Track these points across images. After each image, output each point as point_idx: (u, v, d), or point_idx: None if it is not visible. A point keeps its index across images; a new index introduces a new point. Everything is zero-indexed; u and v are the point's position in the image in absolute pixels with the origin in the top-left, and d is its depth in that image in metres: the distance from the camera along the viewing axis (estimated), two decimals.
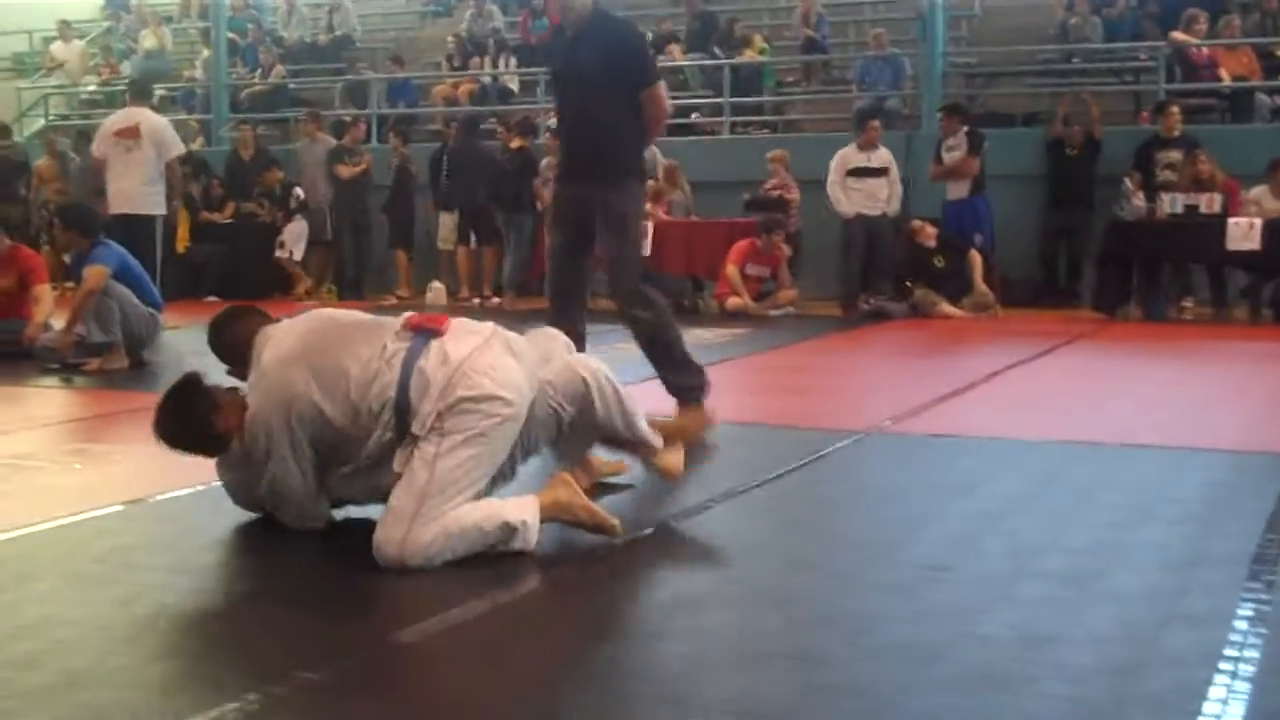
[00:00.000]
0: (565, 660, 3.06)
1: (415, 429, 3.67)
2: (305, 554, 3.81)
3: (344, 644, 3.03)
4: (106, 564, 3.77)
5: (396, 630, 3.13)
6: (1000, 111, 14.17)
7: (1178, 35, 13.14)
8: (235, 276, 14.17)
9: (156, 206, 10.25)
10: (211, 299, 13.91)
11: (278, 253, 14.39)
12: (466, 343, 3.80)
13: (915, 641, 3.03)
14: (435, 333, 3.82)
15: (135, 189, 10.11)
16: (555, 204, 5.98)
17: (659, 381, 5.65)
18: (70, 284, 14.85)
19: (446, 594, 3.42)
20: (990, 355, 8.60)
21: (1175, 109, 12.02)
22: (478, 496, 3.71)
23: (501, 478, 3.92)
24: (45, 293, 8.72)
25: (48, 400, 7.25)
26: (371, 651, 2.98)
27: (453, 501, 3.61)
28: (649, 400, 4.89)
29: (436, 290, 13.45)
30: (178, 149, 10.53)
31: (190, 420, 3.96)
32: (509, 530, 3.66)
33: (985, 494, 4.57)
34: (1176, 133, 11.88)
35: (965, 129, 12.20)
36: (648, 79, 5.78)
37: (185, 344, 8.93)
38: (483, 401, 3.68)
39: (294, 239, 14.42)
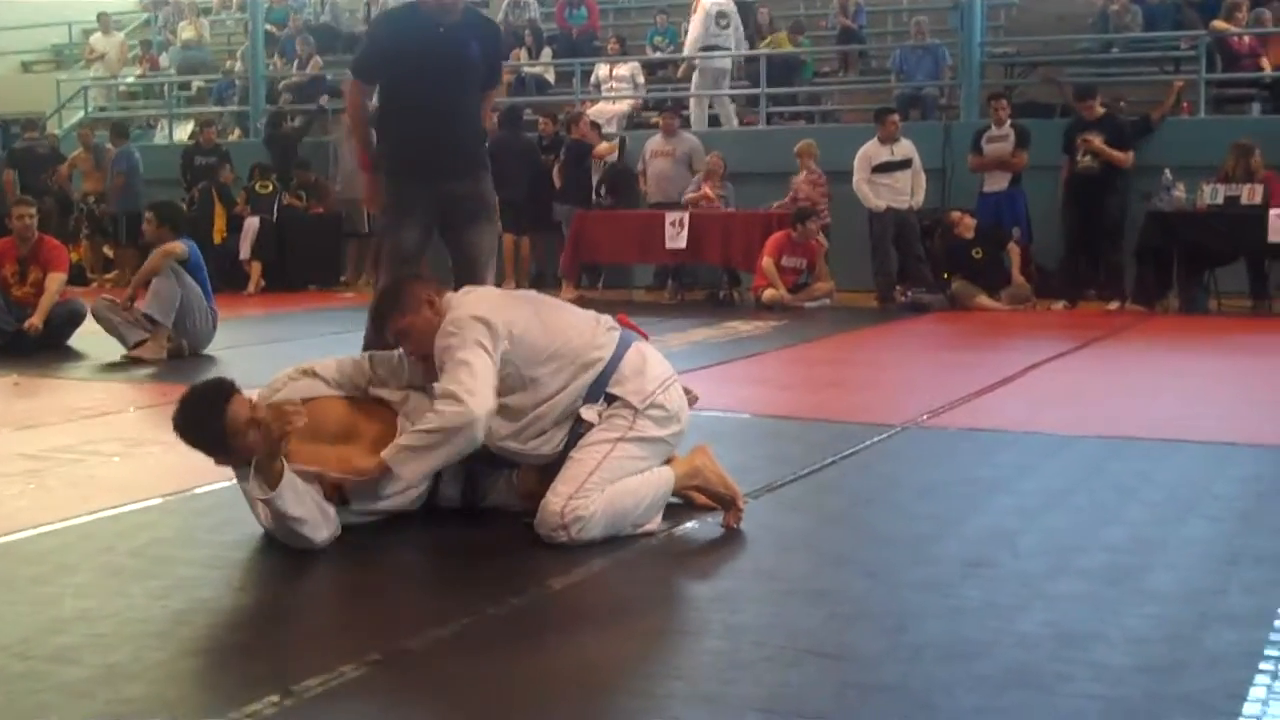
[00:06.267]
0: (597, 657, 3.05)
1: (618, 391, 3.93)
2: (336, 550, 3.82)
3: (373, 640, 3.03)
4: (143, 558, 3.79)
5: (417, 631, 3.10)
6: (1039, 101, 14.05)
7: (1219, 24, 12.99)
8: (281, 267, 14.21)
9: None
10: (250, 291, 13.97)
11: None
12: (665, 364, 4.13)
13: (951, 639, 3.02)
14: (640, 336, 4.19)
15: None
16: (404, 199, 5.62)
17: None
18: (109, 277, 15.00)
19: (476, 591, 3.43)
20: (1028, 349, 8.52)
21: (1092, 100, 11.68)
22: None
23: None
24: (54, 281, 8.86)
25: (87, 393, 7.30)
26: (393, 651, 2.98)
27: (619, 482, 3.85)
28: None
29: None
30: None
31: (209, 423, 3.82)
32: (653, 509, 3.95)
33: (1023, 490, 4.54)
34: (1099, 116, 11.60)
35: (1010, 120, 12.11)
36: (499, 79, 5.95)
37: (228, 337, 8.97)
38: (667, 423, 3.98)
39: (247, 236, 14.16)
